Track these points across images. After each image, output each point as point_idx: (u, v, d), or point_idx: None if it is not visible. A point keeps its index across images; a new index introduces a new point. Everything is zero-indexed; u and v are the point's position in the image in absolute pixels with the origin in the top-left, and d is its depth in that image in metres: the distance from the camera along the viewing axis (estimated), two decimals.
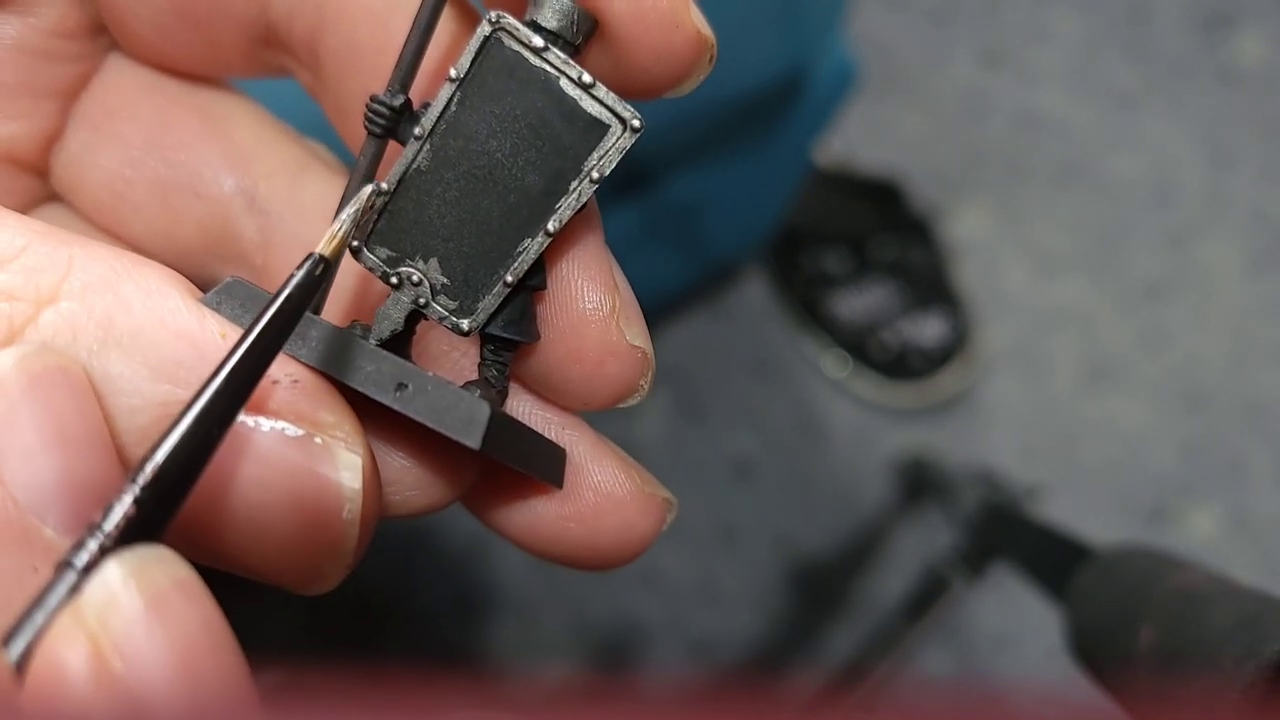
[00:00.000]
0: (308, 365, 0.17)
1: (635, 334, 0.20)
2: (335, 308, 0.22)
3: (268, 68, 0.22)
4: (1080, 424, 0.94)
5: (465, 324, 0.19)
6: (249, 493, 0.16)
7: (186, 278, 0.22)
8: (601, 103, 0.18)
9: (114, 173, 0.22)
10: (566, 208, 0.18)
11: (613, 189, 0.64)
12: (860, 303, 0.94)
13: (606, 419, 0.21)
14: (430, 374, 0.17)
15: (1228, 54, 1.05)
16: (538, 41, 0.18)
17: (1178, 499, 0.92)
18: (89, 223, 0.22)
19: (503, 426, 0.18)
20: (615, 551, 0.21)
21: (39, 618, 0.14)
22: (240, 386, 0.15)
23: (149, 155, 0.22)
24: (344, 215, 0.17)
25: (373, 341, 0.19)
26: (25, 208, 0.22)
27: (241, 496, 0.16)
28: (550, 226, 0.18)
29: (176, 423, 0.15)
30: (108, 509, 0.14)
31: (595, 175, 0.18)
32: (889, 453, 0.92)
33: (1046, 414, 0.94)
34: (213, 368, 0.16)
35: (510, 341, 0.20)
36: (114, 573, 0.14)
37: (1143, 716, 0.30)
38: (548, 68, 0.18)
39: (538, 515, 0.20)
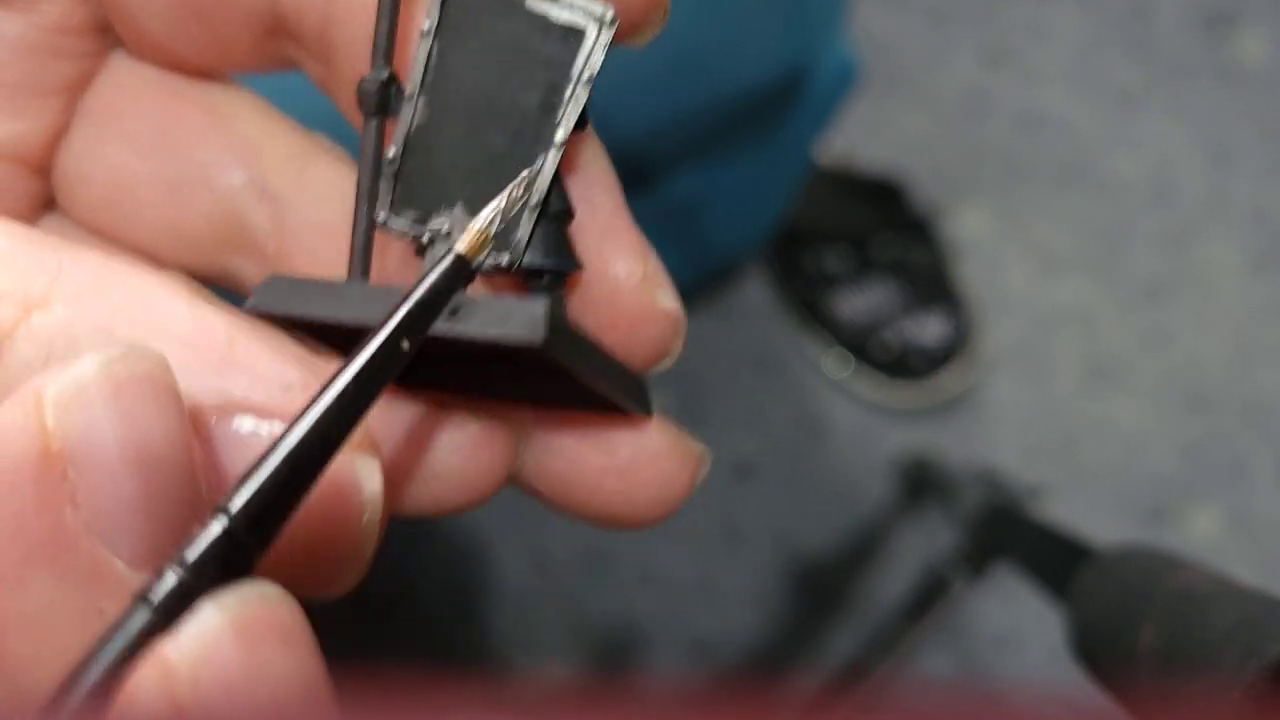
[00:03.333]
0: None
1: (666, 296, 0.20)
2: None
3: (276, 60, 0.21)
4: (1081, 424, 0.94)
5: (506, 258, 0.19)
6: None
7: (196, 269, 0.22)
8: (571, 6, 0.18)
9: (121, 167, 0.21)
10: (567, 116, 0.18)
11: None
12: (861, 302, 0.94)
13: None
14: (480, 295, 0.16)
15: (1229, 53, 1.05)
16: None
17: (1178, 499, 0.92)
18: (87, 227, 0.22)
19: (569, 332, 0.17)
20: (652, 507, 0.20)
21: (107, 656, 0.12)
22: (359, 398, 0.14)
23: (156, 150, 0.21)
24: (487, 211, 0.17)
25: None
26: (31, 209, 0.22)
27: None
28: (557, 138, 0.18)
29: (282, 438, 0.14)
30: (192, 538, 0.13)
31: (586, 77, 0.18)
32: (890, 453, 0.92)
33: (1048, 414, 0.94)
34: (214, 370, 0.16)
35: (555, 274, 0.19)
36: (212, 619, 0.12)
37: (1144, 717, 0.30)
38: None
39: (575, 469, 0.20)
